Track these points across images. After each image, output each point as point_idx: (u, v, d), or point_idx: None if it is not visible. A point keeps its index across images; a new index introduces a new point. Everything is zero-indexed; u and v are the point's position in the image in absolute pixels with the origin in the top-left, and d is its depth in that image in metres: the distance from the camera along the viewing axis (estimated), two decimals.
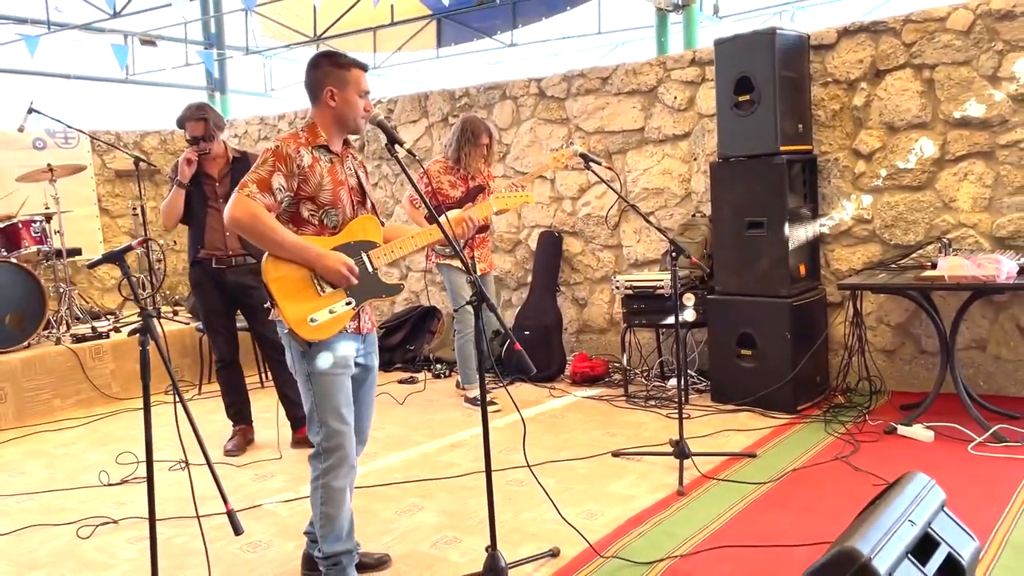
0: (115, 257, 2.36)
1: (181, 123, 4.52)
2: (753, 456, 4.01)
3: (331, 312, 2.65)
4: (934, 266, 4.10)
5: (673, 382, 5.43)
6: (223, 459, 4.44)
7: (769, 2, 7.49)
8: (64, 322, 6.22)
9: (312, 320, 2.62)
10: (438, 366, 6.40)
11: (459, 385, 5.53)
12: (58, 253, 6.25)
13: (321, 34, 7.91)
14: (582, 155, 3.97)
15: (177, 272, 8.23)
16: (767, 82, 4.59)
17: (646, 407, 5.05)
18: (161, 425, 5.27)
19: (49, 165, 6.16)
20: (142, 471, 4.24)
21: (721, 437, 4.37)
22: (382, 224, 2.83)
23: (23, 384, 5.54)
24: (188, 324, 6.63)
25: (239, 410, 4.72)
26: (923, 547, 2.17)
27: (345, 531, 2.75)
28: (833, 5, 7.36)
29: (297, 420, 4.62)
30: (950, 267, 3.95)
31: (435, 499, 3.71)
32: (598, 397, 5.35)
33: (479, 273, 5.11)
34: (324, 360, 2.65)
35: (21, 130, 6.30)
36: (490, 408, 5.10)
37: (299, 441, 4.59)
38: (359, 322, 2.76)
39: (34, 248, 6.06)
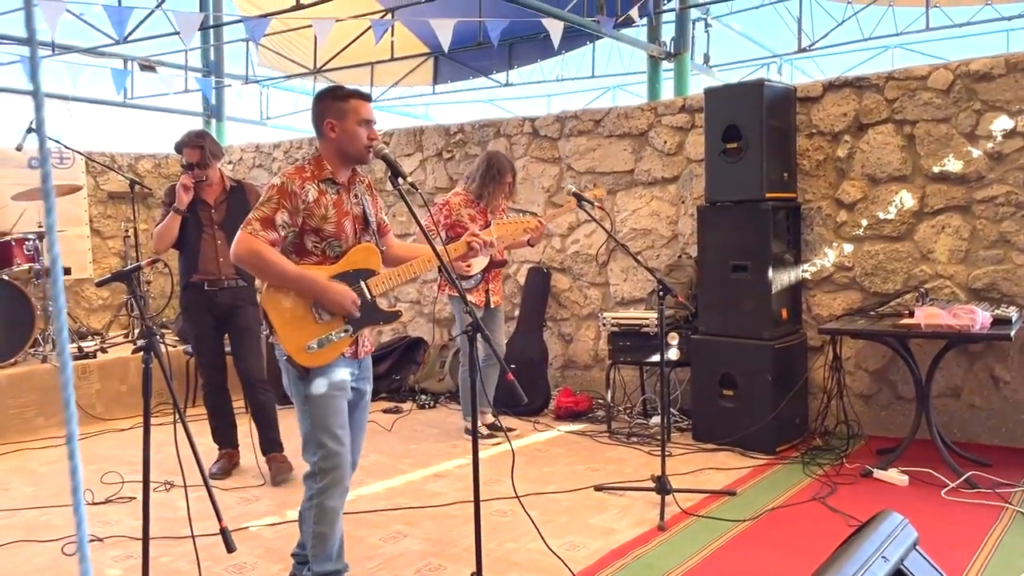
0: (125, 276, 2.43)
1: (179, 148, 4.61)
2: (733, 494, 4.09)
3: (328, 339, 2.73)
4: (911, 314, 4.23)
5: (655, 420, 5.51)
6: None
7: (757, 54, 7.71)
8: (51, 341, 6.23)
9: (310, 348, 2.70)
10: (423, 397, 6.44)
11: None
12: (48, 272, 6.27)
13: (321, 67, 8.07)
14: (575, 194, 4.09)
15: (164, 295, 8.25)
16: (754, 131, 4.75)
17: (628, 444, 5.12)
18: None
19: None
20: (127, 491, 4.28)
21: (702, 475, 4.44)
22: (382, 251, 2.93)
23: (7, 401, 5.54)
24: (175, 347, 6.66)
25: (225, 434, 4.74)
26: None
27: (335, 551, 2.80)
28: (817, 59, 7.60)
29: (270, 443, 4.62)
30: (926, 316, 4.08)
31: (420, 527, 3.76)
32: (581, 432, 5.42)
33: (492, 305, 5.17)
34: (319, 385, 2.72)
35: (19, 149, 6.36)
36: (493, 440, 5.18)
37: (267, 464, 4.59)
38: (356, 347, 2.84)
39: (26, 266, 6.09)
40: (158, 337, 2.36)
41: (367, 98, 2.86)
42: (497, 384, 5.61)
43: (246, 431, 5.11)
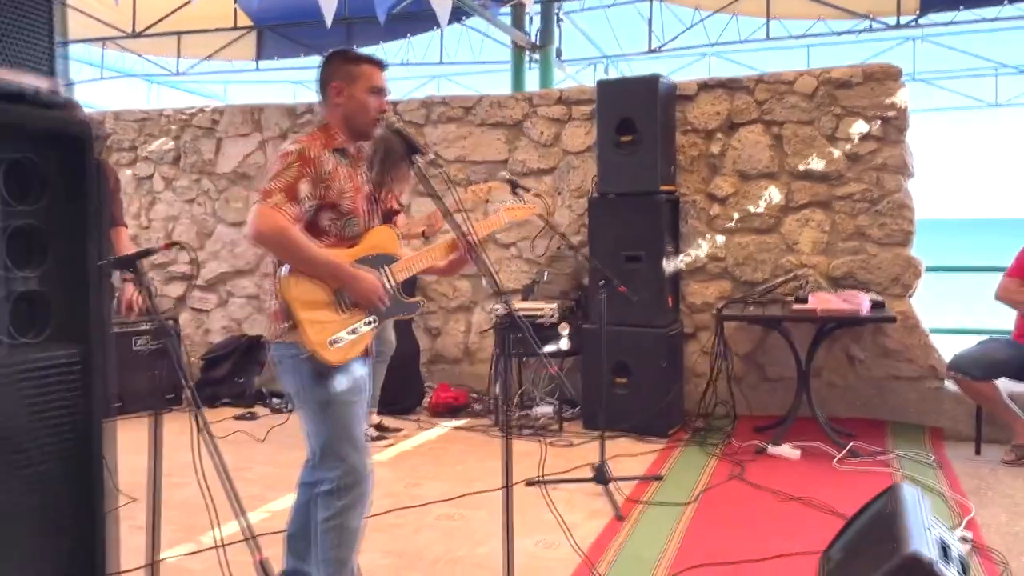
0: (129, 261, 1.94)
1: None
2: (660, 478, 4.18)
3: (353, 332, 2.41)
4: (801, 300, 4.57)
5: (540, 410, 5.49)
6: None
7: (590, 53, 7.97)
8: None
9: (334, 342, 2.36)
10: (275, 400, 5.93)
11: None
12: None
13: (138, 32, 7.11)
14: (509, 180, 3.94)
15: None
16: (650, 125, 4.88)
17: (523, 436, 5.05)
18: None
19: None
20: None
21: (614, 463, 4.47)
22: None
23: None
24: None
25: None
26: (944, 552, 2.40)
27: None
28: (647, 61, 8.01)
29: None
30: (821, 301, 4.43)
31: (370, 540, 3.41)
32: (468, 427, 5.28)
33: None
34: (340, 384, 2.40)
35: None
36: (384, 441, 4.92)
37: None
38: (369, 344, 2.53)
39: None
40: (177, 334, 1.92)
41: (381, 65, 2.56)
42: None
43: None
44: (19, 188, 1.02)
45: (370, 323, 2.46)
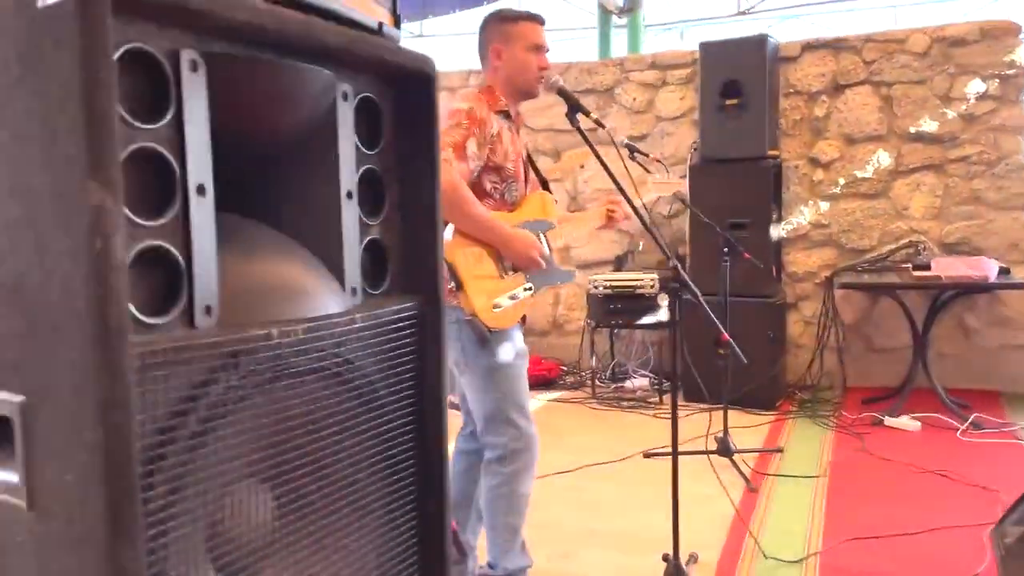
0: None
1: None
2: (780, 451, 4.07)
3: (512, 298, 2.34)
4: (922, 267, 4.39)
5: (635, 382, 5.40)
6: None
7: (667, 18, 7.77)
8: None
9: (496, 306, 2.28)
10: None
11: None
12: None
13: None
14: (627, 146, 3.81)
15: None
16: (757, 87, 4.71)
17: (623, 408, 4.98)
18: None
19: None
20: None
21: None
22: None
23: None
24: None
25: None
26: None
27: (521, 544, 2.43)
28: (725, 25, 7.78)
29: None
30: (945, 268, 4.25)
31: None
32: (565, 400, 5.21)
33: None
34: (506, 350, 2.33)
35: None
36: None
37: None
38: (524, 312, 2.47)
39: None
40: None
41: (539, 21, 2.47)
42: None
43: None
44: (367, 132, 0.94)
45: (527, 289, 2.39)
